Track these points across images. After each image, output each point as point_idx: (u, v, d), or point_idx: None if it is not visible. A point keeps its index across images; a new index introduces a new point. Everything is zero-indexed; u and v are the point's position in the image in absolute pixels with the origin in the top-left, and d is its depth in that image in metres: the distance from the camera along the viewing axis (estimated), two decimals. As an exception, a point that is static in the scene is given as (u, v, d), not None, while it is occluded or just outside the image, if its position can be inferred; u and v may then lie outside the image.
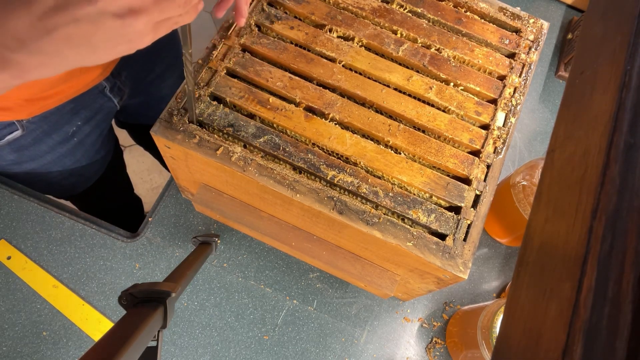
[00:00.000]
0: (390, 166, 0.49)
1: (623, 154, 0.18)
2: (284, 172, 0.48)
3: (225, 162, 0.48)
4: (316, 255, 0.59)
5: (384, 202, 0.48)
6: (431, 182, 0.49)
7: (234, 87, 0.51)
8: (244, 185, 0.52)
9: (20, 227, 0.71)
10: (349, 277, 0.59)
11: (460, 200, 0.49)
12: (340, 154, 0.50)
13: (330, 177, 0.48)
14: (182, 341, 0.67)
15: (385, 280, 0.58)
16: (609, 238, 0.17)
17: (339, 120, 0.51)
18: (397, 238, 0.47)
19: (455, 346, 0.67)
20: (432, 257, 0.47)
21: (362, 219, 0.47)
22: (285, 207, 0.52)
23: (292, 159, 0.49)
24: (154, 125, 0.49)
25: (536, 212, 0.22)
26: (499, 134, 0.52)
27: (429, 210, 0.48)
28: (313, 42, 0.54)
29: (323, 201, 0.48)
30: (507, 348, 0.20)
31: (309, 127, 0.50)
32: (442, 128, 0.51)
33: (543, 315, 0.18)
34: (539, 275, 0.20)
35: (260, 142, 0.49)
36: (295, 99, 0.51)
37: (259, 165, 0.48)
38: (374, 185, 0.48)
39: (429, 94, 0.53)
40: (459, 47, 0.56)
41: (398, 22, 0.56)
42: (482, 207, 0.49)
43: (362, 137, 0.50)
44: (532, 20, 0.59)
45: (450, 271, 0.46)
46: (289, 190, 0.48)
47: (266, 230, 0.59)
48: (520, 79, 0.55)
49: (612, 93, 0.21)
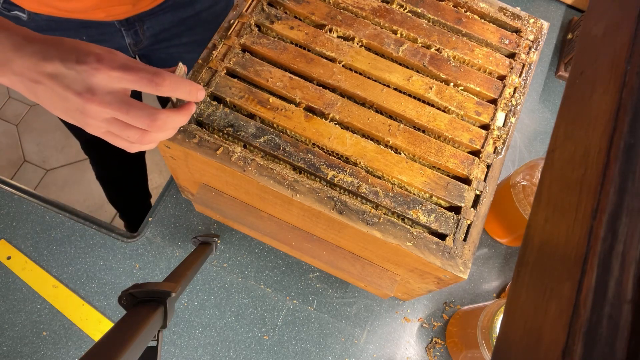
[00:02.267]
0: (390, 166, 0.49)
1: (623, 154, 0.18)
2: (284, 172, 0.48)
3: (225, 162, 0.48)
4: (316, 255, 0.59)
5: (384, 202, 0.48)
6: (431, 182, 0.49)
7: (234, 87, 0.51)
8: (244, 185, 0.52)
9: (20, 227, 0.71)
10: (349, 277, 0.59)
11: (461, 200, 0.49)
12: (340, 154, 0.50)
13: (330, 177, 0.48)
14: (182, 341, 0.67)
15: (386, 280, 0.58)
16: (609, 238, 0.17)
17: (339, 120, 0.51)
18: (397, 238, 0.47)
19: (455, 346, 0.67)
20: (432, 257, 0.47)
21: (362, 219, 0.47)
22: (285, 207, 0.52)
23: (292, 159, 0.49)
24: None
25: (536, 212, 0.22)
26: (499, 134, 0.52)
27: (429, 210, 0.48)
28: (313, 42, 0.54)
29: (323, 201, 0.48)
30: (507, 348, 0.20)
31: (309, 127, 0.50)
32: (442, 128, 0.51)
33: (543, 315, 0.18)
34: (539, 275, 0.20)
35: (260, 142, 0.49)
36: (295, 99, 0.51)
37: (259, 165, 0.48)
38: (374, 185, 0.48)
39: (429, 94, 0.53)
40: (459, 47, 0.56)
41: (398, 22, 0.56)
42: (482, 207, 0.49)
43: (362, 137, 0.50)
44: (532, 21, 0.59)
45: (450, 271, 0.46)
46: (289, 190, 0.48)
47: (266, 230, 0.59)
48: (520, 79, 0.55)
49: (612, 93, 0.21)
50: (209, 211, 0.61)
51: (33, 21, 0.65)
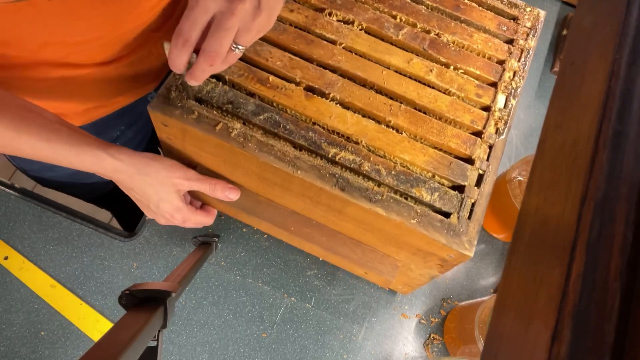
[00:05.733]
0: (392, 145, 0.49)
1: (611, 141, 0.18)
2: (285, 149, 0.48)
3: (225, 138, 0.48)
4: (315, 240, 0.58)
5: (386, 180, 0.47)
6: (434, 161, 0.49)
7: (233, 66, 0.51)
8: (242, 164, 0.51)
9: (17, 227, 0.71)
10: (349, 263, 0.59)
11: (464, 179, 0.49)
12: (342, 132, 0.49)
13: (331, 155, 0.48)
14: (180, 339, 0.67)
15: (387, 265, 0.57)
16: (598, 224, 0.17)
17: (340, 100, 0.51)
18: (401, 215, 0.46)
19: (453, 342, 0.68)
20: (437, 234, 0.46)
21: (365, 196, 0.47)
22: (284, 188, 0.52)
23: (293, 136, 0.48)
24: (152, 102, 0.48)
25: (527, 201, 0.23)
26: (500, 115, 0.52)
27: (433, 189, 0.48)
28: (313, 24, 0.54)
29: (325, 178, 0.47)
30: (497, 336, 0.20)
31: (309, 105, 0.50)
32: (444, 109, 0.51)
33: (533, 301, 0.18)
34: (529, 263, 0.20)
35: (260, 119, 0.49)
36: (295, 78, 0.51)
37: (259, 141, 0.48)
38: (376, 163, 0.48)
39: (430, 76, 0.53)
40: (458, 33, 0.56)
41: (397, 8, 0.56)
42: (485, 185, 0.49)
43: (363, 117, 0.50)
44: (529, 9, 0.60)
45: (456, 249, 0.45)
46: (290, 167, 0.47)
47: (264, 215, 0.59)
48: (519, 64, 0.55)
49: (601, 82, 0.21)
50: (205, 196, 0.61)
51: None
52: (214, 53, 0.40)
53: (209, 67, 0.42)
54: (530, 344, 0.17)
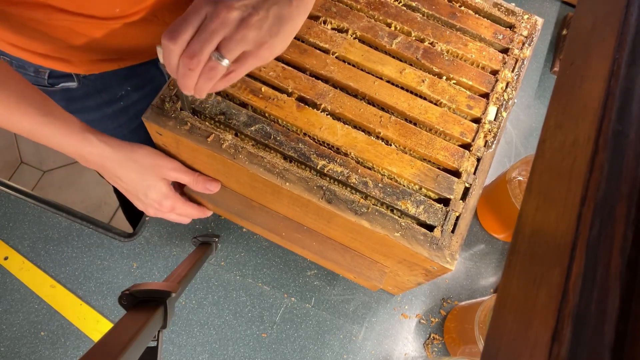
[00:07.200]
0: (380, 157, 0.49)
1: (611, 141, 0.18)
2: (274, 161, 0.49)
3: (216, 150, 0.48)
4: (306, 245, 0.59)
5: (373, 193, 0.48)
6: (421, 174, 0.49)
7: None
8: (234, 173, 0.52)
9: (17, 228, 0.71)
10: (339, 268, 0.59)
11: (450, 192, 0.49)
12: (331, 144, 0.50)
13: (320, 167, 0.48)
14: (180, 340, 0.67)
15: (375, 271, 0.58)
16: (597, 224, 0.17)
17: (331, 111, 0.51)
18: (385, 228, 0.47)
19: (453, 342, 0.68)
20: (419, 247, 0.47)
21: (351, 209, 0.47)
22: (275, 196, 0.53)
23: (283, 147, 0.49)
24: (146, 112, 0.49)
25: (527, 201, 0.23)
26: (490, 127, 0.52)
27: (418, 202, 0.48)
28: (307, 33, 0.54)
29: (312, 190, 0.48)
30: (497, 336, 0.20)
31: (300, 116, 0.50)
32: (434, 121, 0.52)
33: (533, 302, 0.18)
34: (529, 263, 0.20)
35: (251, 130, 0.49)
36: (287, 88, 0.51)
37: (250, 153, 0.49)
38: (364, 175, 0.49)
39: (421, 86, 0.53)
40: (453, 41, 0.56)
41: (392, 15, 0.56)
42: (471, 199, 0.49)
43: (353, 128, 0.51)
44: (527, 17, 0.59)
45: (437, 262, 0.46)
46: (279, 179, 0.48)
47: (257, 219, 0.59)
48: (512, 74, 0.55)
49: (601, 82, 0.21)
50: (200, 199, 0.61)
51: (84, 86, 0.69)
52: (192, 53, 0.38)
53: (188, 72, 0.40)
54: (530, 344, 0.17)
